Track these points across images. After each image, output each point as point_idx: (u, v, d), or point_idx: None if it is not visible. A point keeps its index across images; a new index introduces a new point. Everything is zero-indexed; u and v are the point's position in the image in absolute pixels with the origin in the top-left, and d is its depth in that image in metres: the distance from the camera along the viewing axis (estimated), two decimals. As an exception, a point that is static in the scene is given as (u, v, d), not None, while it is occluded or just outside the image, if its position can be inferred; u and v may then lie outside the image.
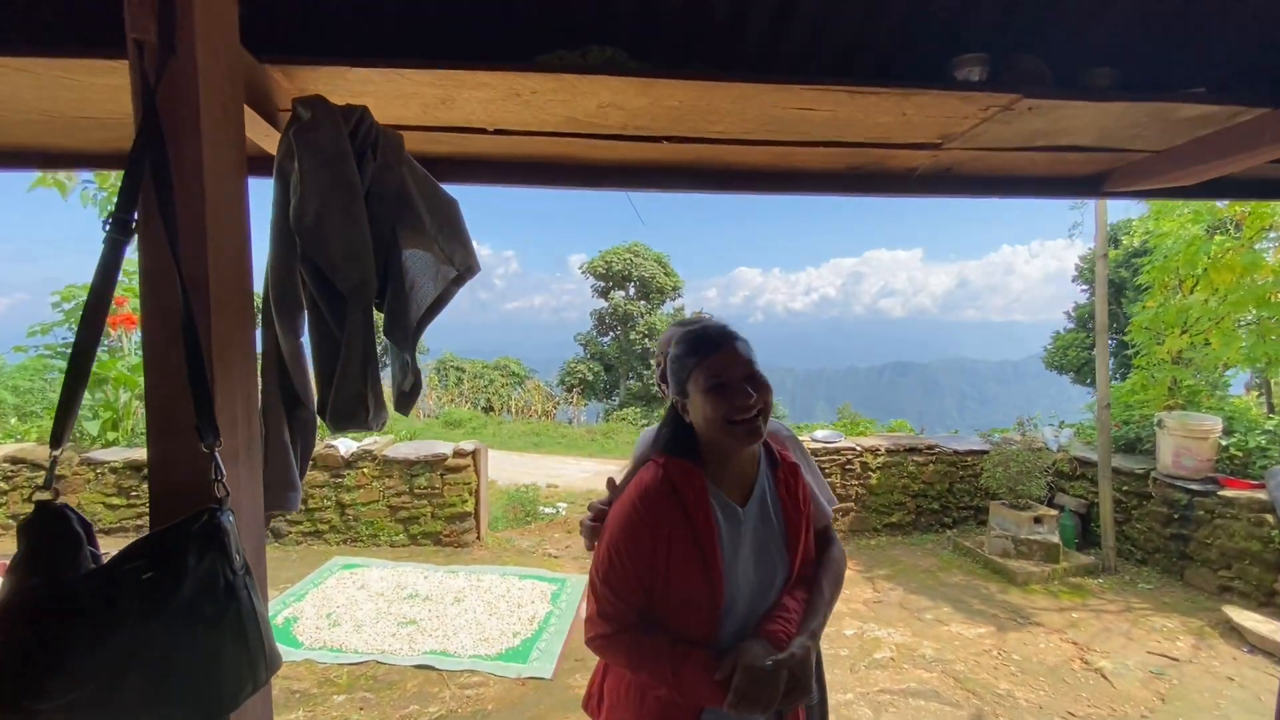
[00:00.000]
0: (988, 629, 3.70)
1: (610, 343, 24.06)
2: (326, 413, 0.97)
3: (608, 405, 22.39)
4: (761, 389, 1.09)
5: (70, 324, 8.28)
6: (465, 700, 2.95)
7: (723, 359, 1.10)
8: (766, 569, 1.15)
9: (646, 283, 23.73)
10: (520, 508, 6.24)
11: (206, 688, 0.66)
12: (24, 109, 1.11)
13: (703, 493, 1.12)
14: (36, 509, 0.71)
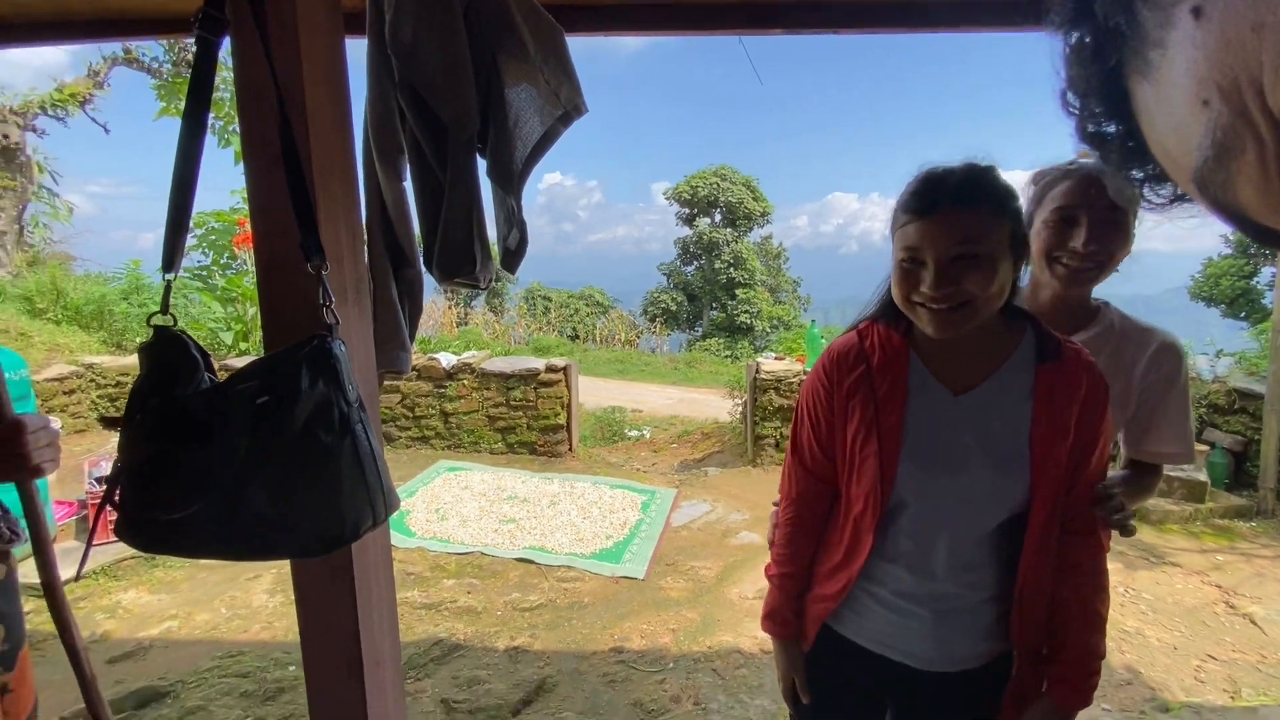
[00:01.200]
0: (1115, 565, 3.40)
1: (694, 272, 23.61)
2: (433, 263, 0.91)
3: (690, 335, 22.28)
4: (969, 278, 0.83)
5: (203, 248, 9.07)
6: (563, 592, 3.09)
7: (924, 227, 0.84)
8: (978, 485, 0.91)
9: (733, 208, 22.79)
10: (607, 429, 6.36)
11: (327, 514, 0.63)
12: None
13: (898, 361, 0.94)
14: (155, 332, 0.68)
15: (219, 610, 2.95)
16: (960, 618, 0.96)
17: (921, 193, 0.86)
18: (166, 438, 0.61)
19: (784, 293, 25.49)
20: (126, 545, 0.65)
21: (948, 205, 0.84)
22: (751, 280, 22.20)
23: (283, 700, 2.31)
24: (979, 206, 0.84)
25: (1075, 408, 0.90)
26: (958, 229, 0.83)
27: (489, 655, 2.59)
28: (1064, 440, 0.89)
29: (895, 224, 0.90)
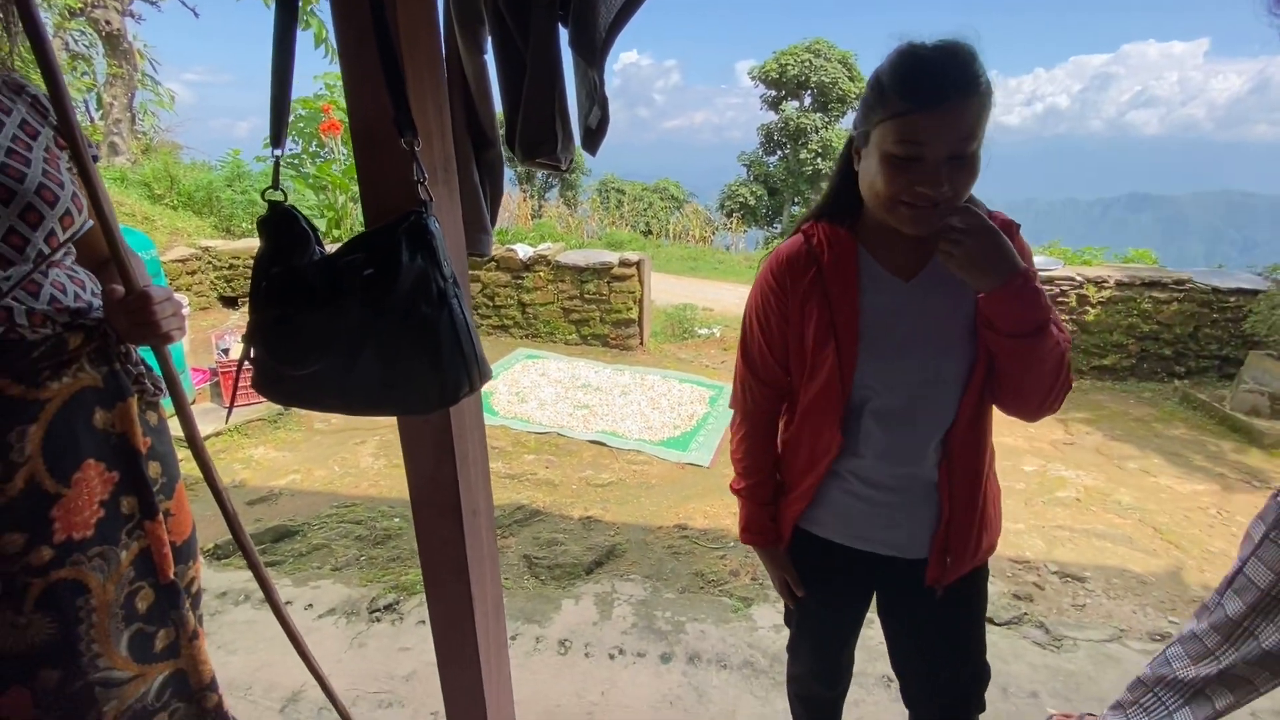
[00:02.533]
0: (1208, 487, 3.22)
1: (777, 163, 22.18)
2: (516, 141, 0.91)
3: (769, 232, 21.37)
4: (960, 177, 0.80)
5: (293, 136, 9.32)
6: (632, 472, 3.29)
7: (930, 121, 0.77)
8: (935, 361, 0.91)
9: (826, 90, 20.79)
10: (678, 325, 6.39)
11: (430, 378, 0.69)
12: None
13: (847, 258, 0.93)
14: (270, 207, 0.74)
15: (333, 468, 3.37)
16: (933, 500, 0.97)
17: (928, 78, 0.77)
18: (288, 303, 0.68)
19: (874, 187, 23.67)
20: (264, 399, 0.75)
21: (957, 95, 0.76)
22: (839, 172, 20.66)
23: (389, 545, 2.67)
24: (978, 96, 0.77)
25: None
26: (964, 123, 0.77)
27: (565, 522, 2.85)
28: None
29: (884, 110, 0.80)
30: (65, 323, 0.86)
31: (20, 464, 0.81)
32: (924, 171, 0.79)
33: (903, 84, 0.79)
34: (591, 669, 1.92)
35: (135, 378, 0.95)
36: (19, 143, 0.84)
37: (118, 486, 0.92)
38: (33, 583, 0.83)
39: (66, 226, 0.87)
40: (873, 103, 0.83)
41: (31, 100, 0.90)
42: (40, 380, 0.83)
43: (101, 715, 0.90)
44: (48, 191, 0.83)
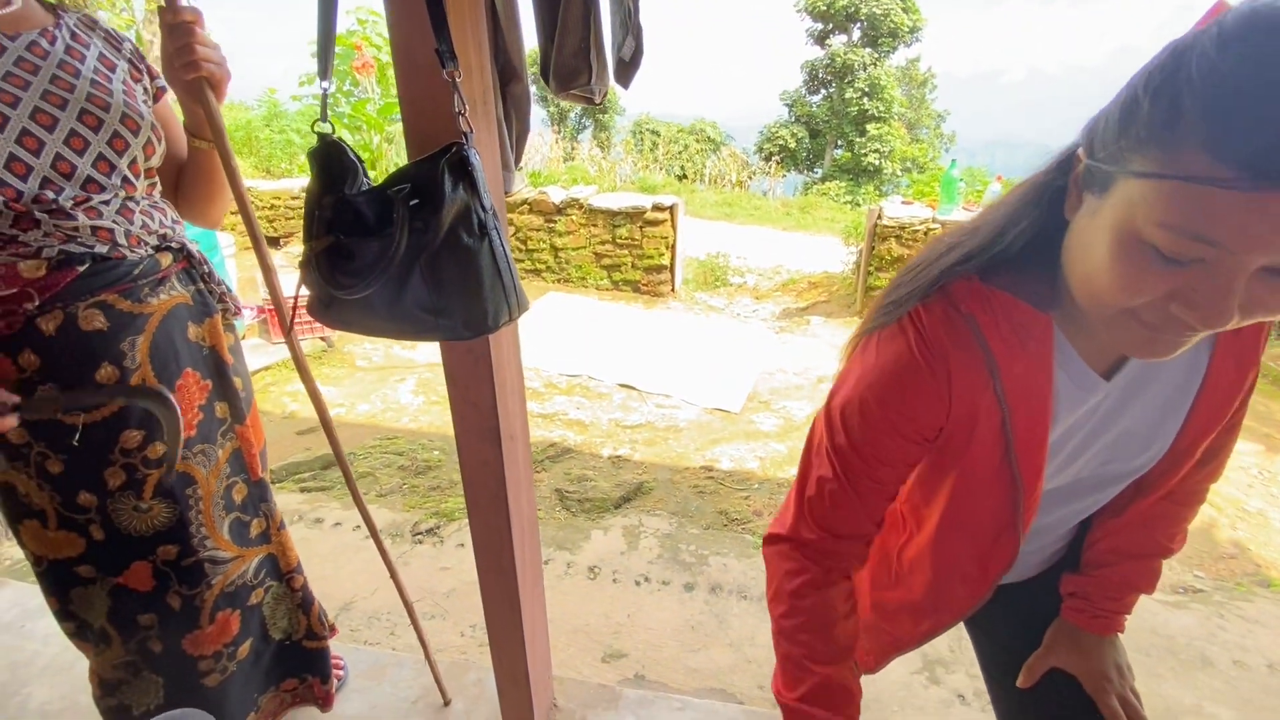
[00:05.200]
0: (1254, 446, 3.14)
1: (820, 103, 21.16)
2: (549, 72, 0.91)
3: (808, 178, 20.61)
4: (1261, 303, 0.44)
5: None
6: (661, 415, 3.37)
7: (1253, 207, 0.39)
8: (1116, 470, 0.69)
9: (877, 22, 19.54)
10: (710, 274, 6.33)
11: (474, 304, 0.74)
12: None
13: (1041, 343, 0.59)
14: (320, 139, 0.77)
15: (375, 403, 3.53)
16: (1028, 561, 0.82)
17: (1252, 147, 0.38)
18: (341, 229, 0.72)
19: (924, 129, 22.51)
20: (317, 325, 0.80)
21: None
22: (887, 113, 19.64)
23: (429, 475, 2.82)
24: None
25: (1257, 348, 0.65)
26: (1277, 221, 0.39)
27: (595, 460, 2.95)
28: (1239, 385, 0.66)
29: (1168, 157, 0.42)
30: (155, 245, 0.93)
31: (133, 369, 0.90)
32: (1215, 285, 0.44)
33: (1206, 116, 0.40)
34: (618, 594, 2.04)
35: (219, 296, 1.04)
36: (100, 74, 0.88)
37: (211, 394, 1.01)
38: (150, 474, 0.94)
39: (149, 155, 0.93)
40: (1146, 132, 0.43)
41: (105, 35, 0.95)
42: (141, 296, 0.91)
43: (210, 586, 1.03)
44: (130, 120, 0.89)
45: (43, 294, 0.84)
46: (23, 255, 0.82)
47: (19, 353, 0.85)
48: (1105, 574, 0.78)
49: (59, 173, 0.83)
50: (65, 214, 0.84)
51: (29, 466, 0.91)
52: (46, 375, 0.86)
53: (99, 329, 0.88)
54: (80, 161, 0.85)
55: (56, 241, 0.83)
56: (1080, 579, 0.80)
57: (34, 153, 0.81)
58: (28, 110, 0.81)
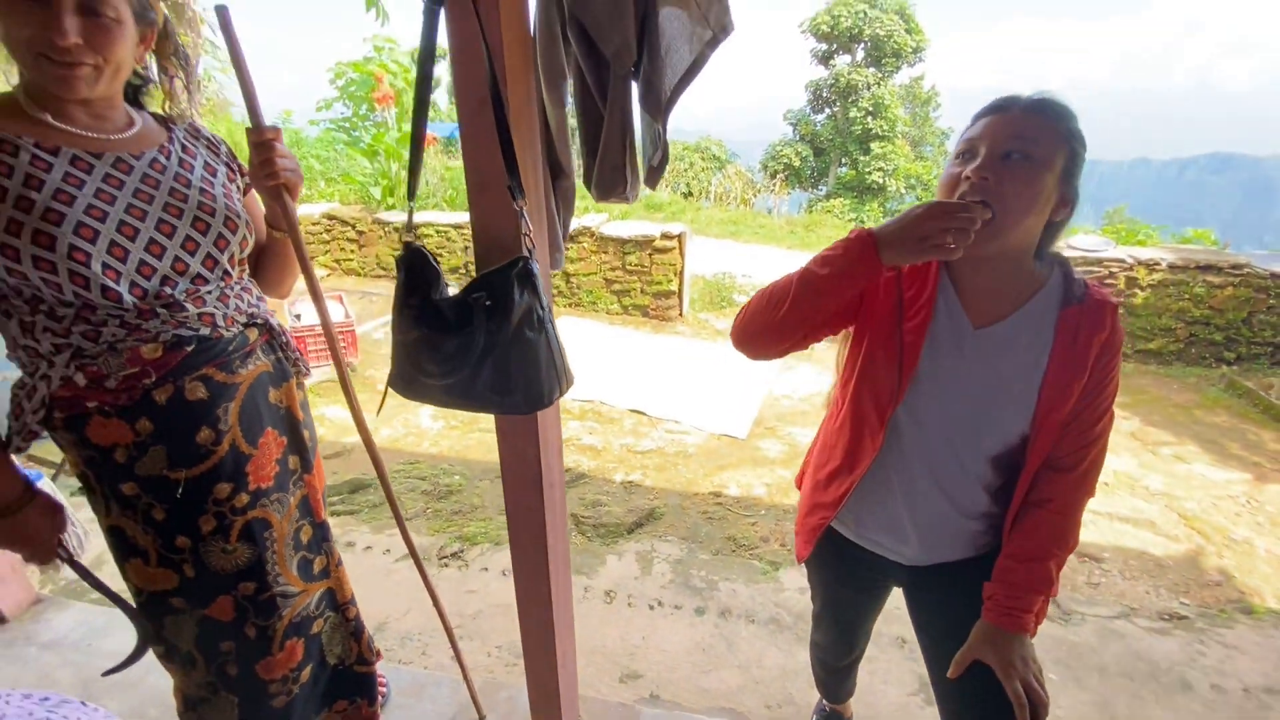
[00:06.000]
0: (1242, 476, 3.26)
1: (825, 121, 21.44)
2: (592, 183, 1.07)
3: (813, 195, 20.86)
4: (1011, 177, 0.84)
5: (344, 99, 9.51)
6: (670, 440, 3.51)
7: (996, 120, 0.87)
8: (979, 416, 0.96)
9: (880, 43, 19.84)
10: (716, 294, 6.49)
11: (532, 385, 0.89)
12: None
13: (927, 273, 0.97)
14: (405, 247, 0.93)
15: (397, 428, 3.68)
16: (946, 528, 1.04)
17: (998, 98, 0.90)
18: (428, 326, 0.87)
19: (929, 146, 22.78)
20: (399, 394, 0.96)
21: (1019, 107, 0.87)
22: (891, 132, 19.91)
23: (452, 499, 2.97)
24: (1049, 118, 0.86)
25: (1094, 349, 0.91)
26: (1020, 125, 0.85)
27: (607, 485, 3.09)
28: (1078, 381, 0.92)
29: (962, 134, 0.92)
30: (245, 322, 1.09)
31: (226, 432, 1.05)
32: (977, 164, 0.87)
33: (994, 102, 0.91)
34: (633, 617, 2.17)
35: (293, 362, 1.19)
36: (205, 181, 1.05)
37: (286, 448, 1.16)
38: (235, 520, 1.09)
39: (243, 248, 1.09)
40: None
41: (208, 142, 1.11)
42: (234, 368, 1.07)
43: (281, 617, 1.18)
44: (230, 221, 1.05)
45: (158, 371, 0.99)
46: (144, 340, 0.97)
47: (136, 420, 1.00)
48: (1009, 578, 0.97)
49: (175, 271, 0.99)
50: (179, 306, 0.99)
51: (137, 514, 1.06)
52: (157, 439, 1.01)
53: (201, 398, 1.03)
54: (192, 260, 1.01)
55: (171, 328, 0.99)
56: (992, 584, 0.99)
57: (157, 257, 0.97)
58: (153, 222, 0.97)
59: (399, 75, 8.07)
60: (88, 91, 0.92)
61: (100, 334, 0.94)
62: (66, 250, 0.88)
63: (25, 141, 0.89)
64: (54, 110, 0.93)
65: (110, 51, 0.91)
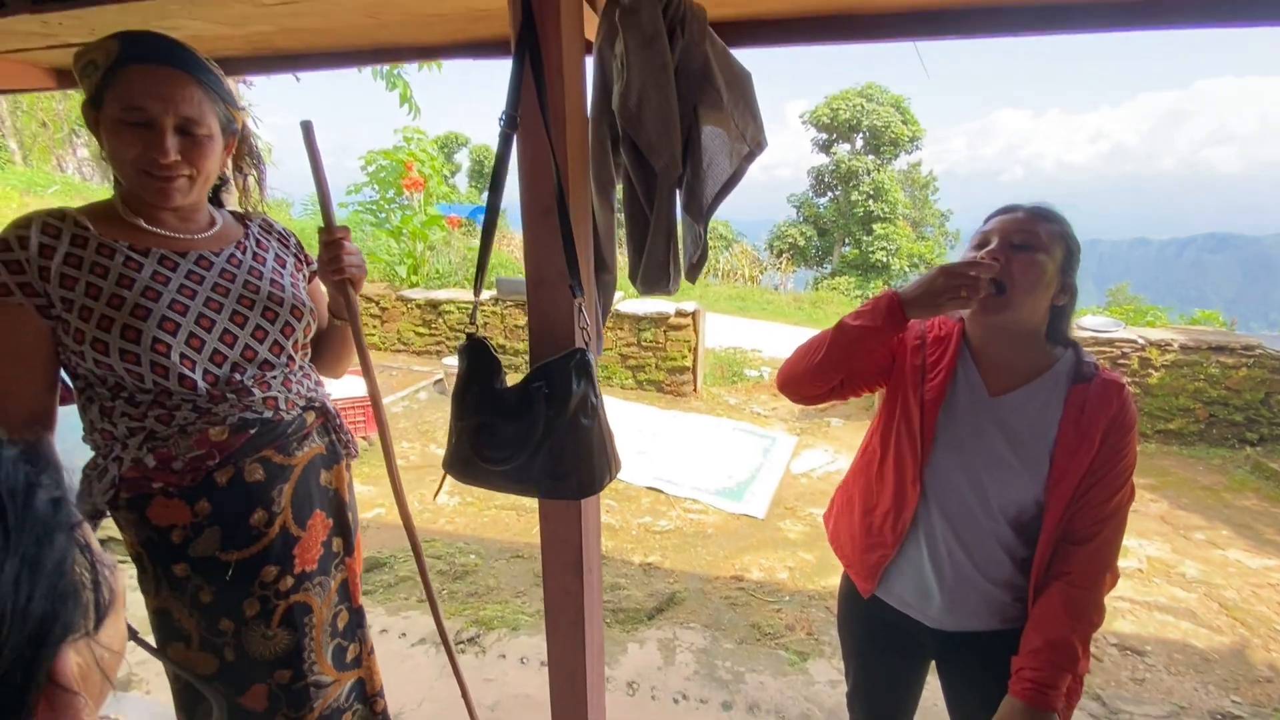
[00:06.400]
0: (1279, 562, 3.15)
1: (828, 204, 22.34)
2: (638, 278, 1.15)
3: (818, 273, 21.41)
4: (1019, 261, 0.98)
5: (373, 184, 10.06)
6: (689, 521, 3.46)
7: (1005, 220, 1.03)
8: (995, 481, 1.03)
9: (878, 133, 20.95)
10: (727, 368, 6.56)
11: (585, 470, 0.93)
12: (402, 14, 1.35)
13: (950, 340, 1.10)
14: (468, 339, 1.00)
15: (413, 503, 3.66)
16: (971, 590, 1.08)
17: (1006, 204, 1.07)
18: (489, 413, 0.92)
19: (929, 227, 23.57)
20: (454, 478, 0.99)
21: (1023, 211, 1.03)
22: (892, 214, 20.69)
23: (467, 580, 2.91)
24: (1049, 221, 1.01)
25: (1102, 424, 0.99)
26: (1025, 223, 1.00)
27: (626, 567, 3.03)
28: (1086, 452, 0.98)
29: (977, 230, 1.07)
30: (303, 405, 1.14)
31: (278, 514, 1.08)
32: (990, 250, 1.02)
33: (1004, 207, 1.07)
34: (658, 711, 2.08)
35: (344, 444, 1.23)
36: (276, 273, 1.13)
37: (331, 530, 1.18)
38: (278, 604, 1.09)
39: (307, 334, 1.16)
40: None
41: (279, 235, 1.21)
42: (291, 450, 1.10)
43: (312, 709, 1.15)
44: (297, 310, 1.12)
45: (222, 453, 1.03)
46: (212, 423, 1.02)
47: (196, 501, 1.03)
48: (1034, 653, 0.99)
49: (245, 359, 1.05)
50: (247, 390, 1.05)
51: (185, 596, 1.07)
52: (213, 520, 1.04)
53: (258, 480, 1.07)
54: (260, 348, 1.07)
55: (237, 411, 1.04)
56: (1019, 658, 1.02)
57: (230, 346, 1.04)
58: (227, 314, 1.04)
59: (426, 163, 8.59)
60: (181, 200, 1.01)
61: (174, 418, 1.00)
62: (150, 343, 0.95)
63: (120, 245, 0.98)
64: (147, 216, 1.02)
65: (203, 164, 1.01)
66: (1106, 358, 4.50)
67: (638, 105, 1.01)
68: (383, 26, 1.46)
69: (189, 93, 0.96)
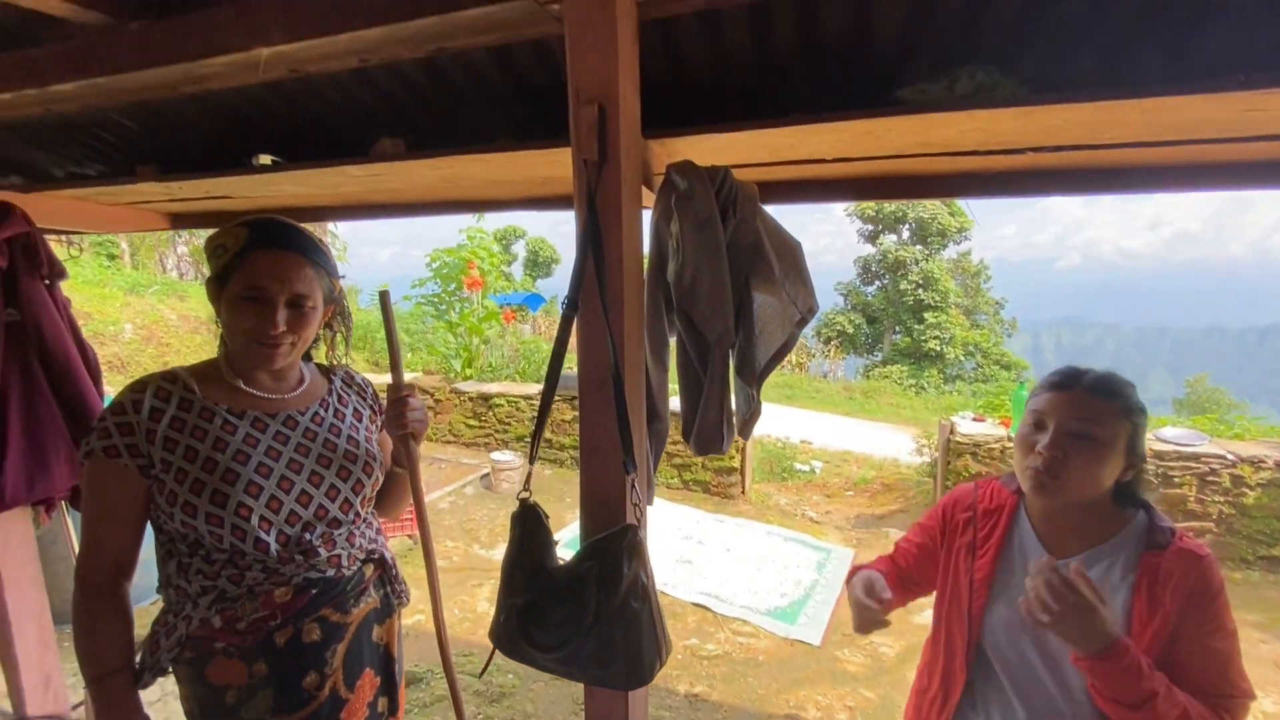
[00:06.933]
0: None
1: (876, 292, 22.31)
2: (690, 439, 1.16)
3: (869, 361, 21.08)
4: (1078, 456, 0.92)
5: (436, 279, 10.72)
6: (739, 645, 3.26)
7: (1061, 399, 0.96)
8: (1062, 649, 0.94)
9: (925, 225, 21.14)
10: (776, 462, 6.38)
11: (635, 657, 0.89)
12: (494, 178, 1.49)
13: (1002, 513, 1.06)
14: (521, 505, 1.01)
15: (453, 610, 3.60)
16: None
17: (1062, 373, 1.00)
18: (539, 593, 0.92)
19: (983, 315, 23.09)
20: (502, 651, 0.97)
21: (1081, 388, 0.96)
22: (943, 302, 20.44)
23: (504, 703, 2.78)
24: (1109, 399, 0.95)
25: (1179, 597, 0.90)
26: (1083, 407, 0.94)
27: (671, 697, 2.84)
28: (1163, 626, 0.90)
29: (1031, 396, 1.02)
30: (363, 559, 1.15)
31: (330, 675, 1.07)
32: (1045, 437, 0.96)
33: (1044, 378, 1.02)
34: None
35: (397, 595, 1.23)
36: (352, 428, 1.18)
37: (379, 690, 1.16)
38: None
39: (374, 488, 1.19)
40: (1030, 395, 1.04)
41: (358, 388, 1.27)
42: (348, 608, 1.11)
43: None
44: (368, 465, 1.16)
45: (284, 614, 1.04)
46: (278, 584, 1.03)
47: (255, 662, 1.03)
48: None
49: (316, 518, 1.08)
50: (314, 551, 1.07)
51: None
52: (267, 682, 1.03)
53: (314, 640, 1.06)
54: (332, 506, 1.10)
55: (302, 571, 1.05)
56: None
57: (304, 506, 1.07)
58: (306, 474, 1.08)
59: (485, 259, 9.14)
60: (281, 363, 1.09)
61: (244, 578, 1.02)
62: (235, 507, 1.00)
63: (220, 409, 1.05)
64: (246, 377, 1.10)
65: (305, 332, 1.09)
66: (1192, 474, 4.16)
67: (692, 282, 1.06)
68: (458, 188, 1.61)
69: (303, 272, 1.05)
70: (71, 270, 2.29)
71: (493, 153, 1.29)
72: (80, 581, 1.01)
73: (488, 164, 1.35)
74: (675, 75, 1.23)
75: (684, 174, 1.09)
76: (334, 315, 1.34)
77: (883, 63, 1.11)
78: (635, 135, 1.00)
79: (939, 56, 1.07)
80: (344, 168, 1.40)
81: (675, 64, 1.22)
